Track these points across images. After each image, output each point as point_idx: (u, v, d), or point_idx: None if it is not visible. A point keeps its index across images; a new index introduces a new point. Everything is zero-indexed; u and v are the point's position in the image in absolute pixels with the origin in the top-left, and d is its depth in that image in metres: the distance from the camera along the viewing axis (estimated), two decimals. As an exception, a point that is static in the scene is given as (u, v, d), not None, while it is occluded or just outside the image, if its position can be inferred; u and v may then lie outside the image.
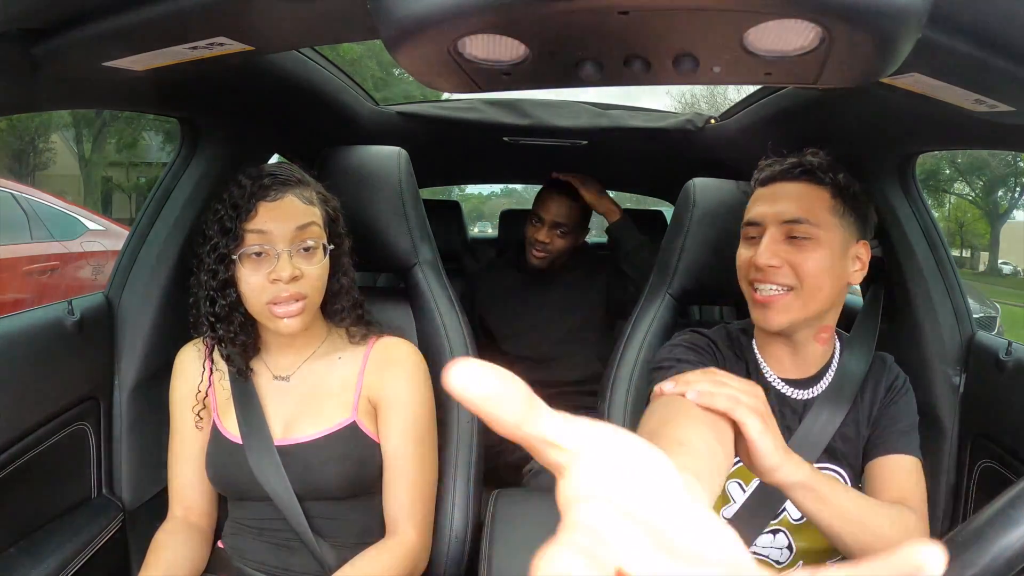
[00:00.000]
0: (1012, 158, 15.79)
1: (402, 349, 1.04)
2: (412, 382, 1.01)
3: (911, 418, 0.93)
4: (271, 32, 0.72)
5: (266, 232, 0.91)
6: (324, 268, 0.96)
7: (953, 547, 0.55)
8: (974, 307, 2.03)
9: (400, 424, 0.99)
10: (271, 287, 0.91)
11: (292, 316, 0.92)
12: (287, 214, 0.92)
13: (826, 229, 0.87)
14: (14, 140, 13.03)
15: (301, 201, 0.94)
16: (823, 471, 0.89)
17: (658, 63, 0.59)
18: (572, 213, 1.79)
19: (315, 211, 0.96)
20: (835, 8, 0.49)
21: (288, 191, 0.93)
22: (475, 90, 0.67)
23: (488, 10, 0.50)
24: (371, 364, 1.01)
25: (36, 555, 0.93)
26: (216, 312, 0.95)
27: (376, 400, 1.00)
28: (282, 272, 0.90)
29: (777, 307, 0.88)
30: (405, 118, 1.69)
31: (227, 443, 0.98)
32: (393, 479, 0.99)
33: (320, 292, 0.96)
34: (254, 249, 0.91)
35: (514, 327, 1.84)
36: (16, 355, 0.94)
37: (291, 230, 0.92)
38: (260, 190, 0.92)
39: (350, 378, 1.00)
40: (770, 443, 0.63)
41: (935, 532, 1.12)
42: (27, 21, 0.67)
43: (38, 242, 4.06)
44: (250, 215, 0.91)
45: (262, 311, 0.93)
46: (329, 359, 1.02)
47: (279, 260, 0.91)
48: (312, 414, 0.99)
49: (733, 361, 0.97)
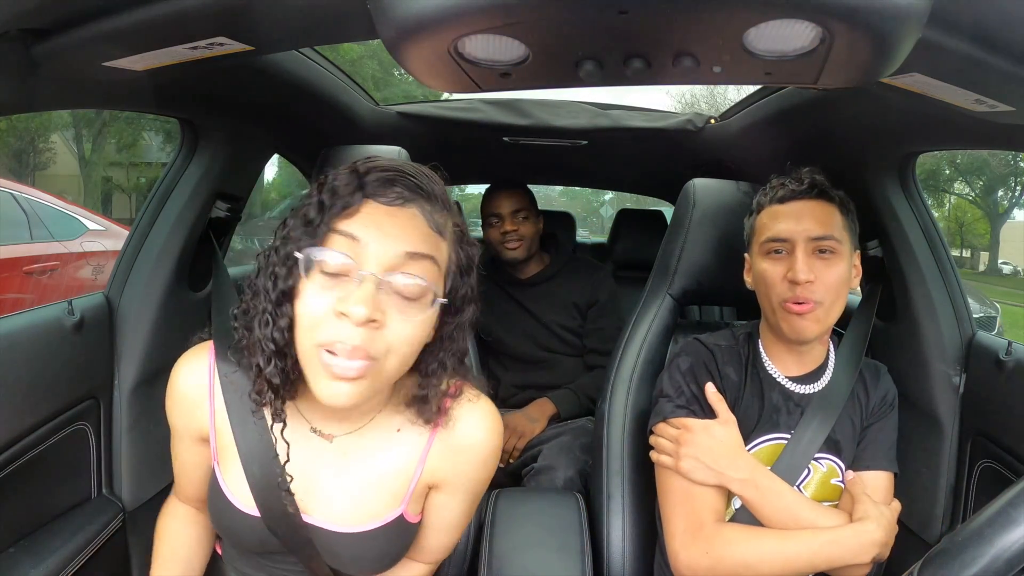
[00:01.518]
0: (1012, 158, 15.78)
1: (480, 432, 0.78)
2: (487, 466, 0.81)
3: (895, 434, 1.03)
4: (271, 32, 0.72)
5: (359, 240, 0.64)
6: (423, 330, 0.68)
7: (953, 547, 0.55)
8: (974, 307, 2.03)
9: (460, 507, 0.83)
10: (334, 323, 0.63)
11: (346, 380, 0.63)
12: (402, 229, 0.66)
13: (842, 243, 0.96)
14: (14, 140, 13.02)
15: (427, 222, 0.68)
16: (824, 461, 0.99)
17: (658, 62, 0.59)
18: (524, 199, 1.84)
19: (442, 246, 0.69)
20: (835, 8, 0.49)
21: (415, 202, 0.67)
22: (475, 90, 0.67)
23: (488, 10, 0.50)
24: (438, 447, 0.78)
25: (36, 555, 0.93)
26: (275, 339, 0.67)
27: (435, 484, 0.80)
28: (355, 306, 0.61)
29: (811, 319, 0.94)
30: (405, 118, 1.69)
31: (237, 512, 0.77)
32: (430, 535, 0.84)
33: (400, 361, 0.67)
34: (333, 259, 0.64)
35: (503, 333, 1.85)
36: (16, 355, 0.94)
37: (397, 253, 0.65)
38: (376, 184, 0.67)
39: (408, 463, 0.77)
40: (701, 469, 0.93)
41: (935, 532, 1.12)
42: (27, 21, 0.67)
43: (38, 242, 4.06)
44: (347, 210, 0.66)
45: (309, 352, 0.65)
46: (386, 431, 0.77)
47: (361, 286, 0.63)
48: (355, 501, 0.77)
49: (734, 365, 1.03)
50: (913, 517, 1.11)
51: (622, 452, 1.14)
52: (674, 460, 0.96)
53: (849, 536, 0.89)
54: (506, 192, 1.84)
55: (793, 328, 0.95)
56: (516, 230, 1.80)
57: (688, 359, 1.03)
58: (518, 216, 1.81)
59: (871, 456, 1.00)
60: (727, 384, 1.01)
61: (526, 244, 1.82)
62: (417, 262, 0.66)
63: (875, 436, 1.01)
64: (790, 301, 0.94)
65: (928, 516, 1.12)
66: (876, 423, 1.01)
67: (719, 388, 0.99)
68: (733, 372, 1.02)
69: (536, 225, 1.85)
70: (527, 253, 1.83)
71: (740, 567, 0.90)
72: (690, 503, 0.95)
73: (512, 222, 1.80)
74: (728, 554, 0.90)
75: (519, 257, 1.82)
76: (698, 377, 1.00)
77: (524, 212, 1.82)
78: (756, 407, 1.00)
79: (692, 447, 0.94)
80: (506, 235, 1.80)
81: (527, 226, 1.82)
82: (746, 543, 0.91)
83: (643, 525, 1.13)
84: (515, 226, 1.80)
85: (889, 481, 1.00)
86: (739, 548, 0.91)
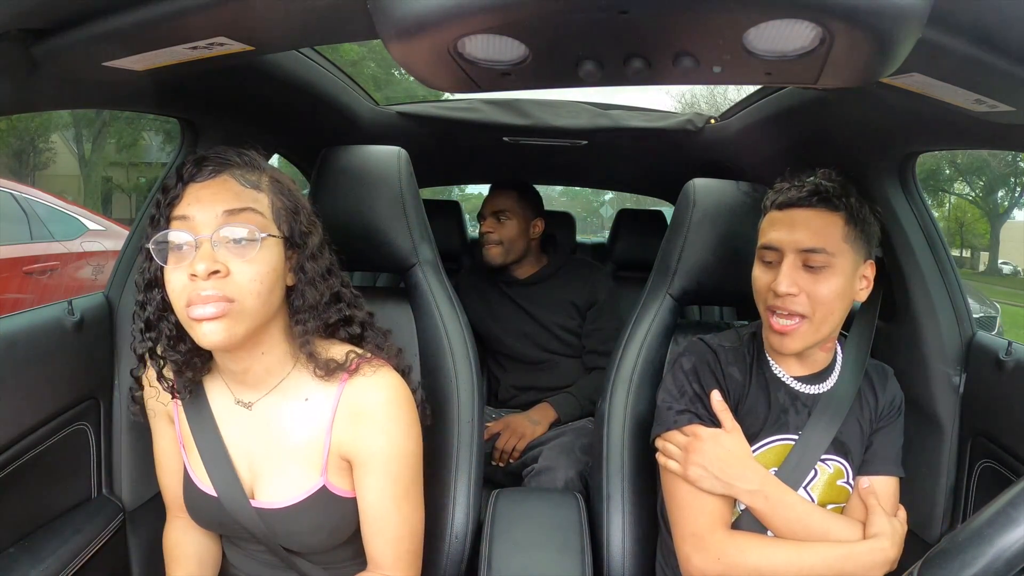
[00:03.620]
0: (1012, 158, 15.78)
1: (377, 391, 0.84)
2: (390, 435, 0.84)
3: (901, 438, 1.02)
4: (271, 32, 0.72)
5: (188, 217, 0.75)
6: (264, 268, 0.77)
7: (953, 547, 0.55)
8: (974, 307, 2.03)
9: (378, 484, 0.85)
10: (190, 285, 0.74)
11: (211, 319, 0.73)
12: (215, 195, 0.76)
13: (839, 256, 0.92)
14: (14, 140, 13.03)
15: (240, 182, 0.78)
16: (831, 462, 0.98)
17: (658, 62, 0.59)
18: (511, 199, 1.80)
19: (258, 196, 0.79)
20: (835, 8, 0.49)
21: (225, 170, 0.77)
22: (475, 90, 0.67)
23: (488, 10, 0.50)
24: (341, 414, 0.84)
25: (36, 555, 0.93)
26: (147, 319, 0.80)
27: (348, 457, 0.85)
28: (197, 265, 0.72)
29: (794, 336, 0.93)
30: (405, 118, 1.69)
31: (200, 494, 0.87)
32: (373, 533, 0.87)
33: (256, 297, 0.76)
34: (174, 239, 0.75)
35: (501, 334, 1.83)
36: (16, 355, 0.94)
37: (217, 215, 0.75)
38: (191, 169, 0.77)
39: (317, 432, 0.84)
40: (709, 479, 0.93)
41: (935, 532, 1.12)
42: (27, 21, 0.67)
43: (38, 242, 4.06)
44: (177, 200, 0.76)
45: (183, 317, 0.76)
46: (295, 399, 0.85)
47: (197, 250, 0.74)
48: (278, 471, 0.86)
49: (738, 365, 1.02)
50: (913, 517, 1.11)
51: (622, 452, 1.14)
52: (682, 467, 0.95)
53: (863, 552, 0.89)
54: (495, 192, 1.83)
55: (774, 342, 0.95)
56: (491, 232, 1.77)
57: (691, 359, 1.02)
58: (498, 217, 1.78)
59: (881, 461, 0.99)
60: (731, 384, 1.00)
61: (504, 248, 1.78)
62: (237, 215, 0.76)
63: (884, 441, 1.00)
64: (773, 313, 0.93)
65: (928, 516, 1.12)
66: (885, 427, 1.01)
67: (723, 388, 0.99)
68: (737, 372, 1.01)
69: (521, 226, 1.80)
70: (503, 258, 1.79)
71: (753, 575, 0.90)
72: (698, 507, 0.94)
73: (490, 223, 1.78)
74: (741, 561, 0.90)
75: (493, 261, 1.79)
76: (701, 377, 1.00)
77: (507, 213, 1.78)
78: (763, 407, 0.99)
79: (700, 456, 0.93)
80: (483, 235, 1.79)
81: (507, 228, 1.78)
82: (760, 552, 0.91)
83: (643, 525, 1.13)
84: (491, 228, 1.77)
85: (897, 485, 1.00)
86: (752, 556, 0.90)
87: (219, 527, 0.91)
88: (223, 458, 0.85)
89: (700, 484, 0.93)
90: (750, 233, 1.09)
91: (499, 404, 1.83)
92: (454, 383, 1.12)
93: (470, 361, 1.15)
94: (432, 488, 1.03)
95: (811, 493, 0.97)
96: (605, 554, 1.09)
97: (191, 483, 0.89)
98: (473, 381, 1.13)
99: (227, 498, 0.85)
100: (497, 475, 1.63)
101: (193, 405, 0.87)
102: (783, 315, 0.93)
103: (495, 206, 1.80)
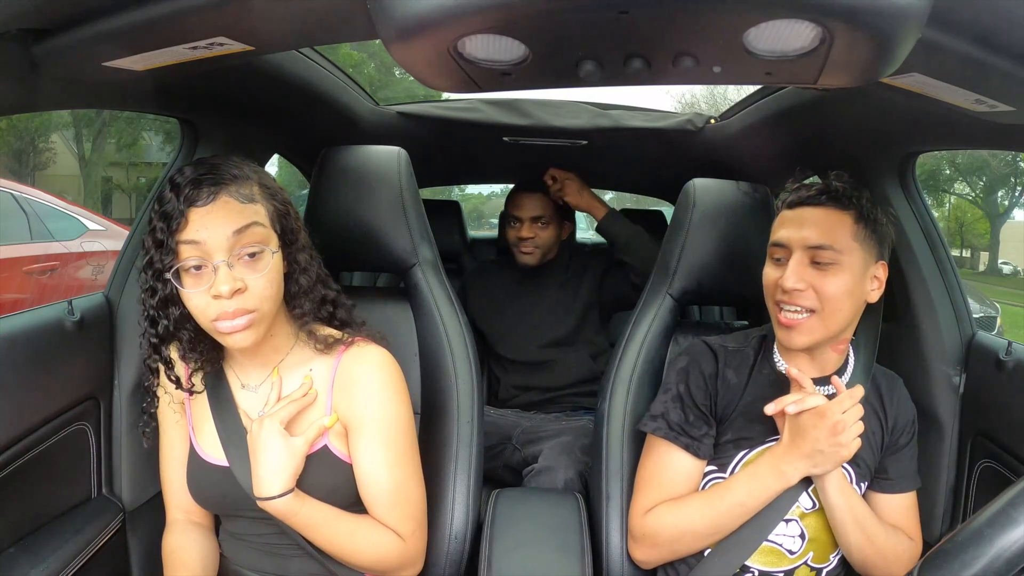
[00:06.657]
0: (1012, 158, 15.77)
1: (369, 361, 0.94)
2: (380, 400, 0.92)
3: (916, 455, 1.03)
4: (271, 32, 0.72)
5: (200, 242, 0.81)
6: (274, 274, 0.86)
7: (953, 547, 0.55)
8: (974, 307, 2.03)
9: (372, 447, 0.91)
10: (214, 303, 0.82)
11: (239, 331, 0.83)
12: (221, 218, 0.82)
13: (848, 254, 0.92)
14: (14, 140, 13.02)
15: (239, 200, 0.84)
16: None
17: (658, 62, 0.59)
18: (547, 204, 1.81)
19: (257, 209, 0.86)
20: (835, 8, 0.49)
21: (222, 191, 0.83)
22: (475, 90, 0.67)
23: (488, 10, 0.50)
24: (338, 380, 0.93)
25: (36, 555, 0.93)
26: (159, 333, 0.87)
27: (345, 420, 0.93)
28: (221, 287, 0.80)
29: (801, 330, 0.94)
30: (405, 118, 1.69)
31: (209, 466, 0.93)
32: (372, 499, 0.92)
33: (271, 301, 0.86)
34: (191, 263, 0.82)
35: (505, 330, 1.83)
36: (16, 355, 0.94)
37: (227, 236, 0.82)
38: (192, 194, 0.82)
39: (319, 397, 0.93)
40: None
41: (935, 532, 1.12)
42: (27, 21, 0.67)
43: (38, 242, 4.06)
44: (181, 225, 0.81)
45: (210, 329, 0.85)
46: (298, 371, 0.94)
47: (217, 274, 0.81)
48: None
49: (736, 368, 1.02)
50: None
51: (621, 452, 1.14)
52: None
53: (764, 464, 0.94)
54: (529, 195, 1.82)
55: (783, 336, 0.96)
56: (533, 237, 1.78)
57: (685, 359, 1.04)
58: (538, 223, 1.79)
59: (905, 478, 1.01)
60: (723, 386, 1.01)
61: (541, 251, 1.80)
62: (246, 232, 0.83)
63: (905, 458, 1.01)
64: (781, 309, 0.94)
65: (928, 516, 1.12)
66: (905, 446, 1.01)
67: (711, 390, 1.00)
68: (733, 375, 1.01)
69: (559, 231, 1.83)
70: (541, 260, 1.82)
71: (676, 535, 0.97)
72: (635, 509, 1.03)
73: (530, 228, 1.79)
74: (662, 528, 0.98)
75: (531, 263, 1.81)
76: (690, 377, 1.01)
77: (545, 219, 1.79)
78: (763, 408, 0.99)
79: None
80: (522, 240, 1.79)
81: (546, 233, 1.80)
82: (675, 512, 0.98)
83: (643, 525, 1.13)
84: (532, 233, 1.78)
85: (913, 500, 1.01)
86: (669, 519, 0.98)
87: (221, 501, 0.94)
88: (240, 430, 0.92)
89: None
90: (750, 233, 1.09)
91: (499, 404, 1.83)
92: (454, 383, 1.12)
93: (470, 361, 1.15)
94: (432, 487, 1.04)
95: (814, 496, 0.97)
96: (605, 554, 1.09)
97: (198, 460, 0.94)
98: (473, 381, 1.14)
99: (237, 464, 0.91)
100: (497, 474, 1.63)
101: (212, 384, 0.95)
102: (791, 309, 0.93)
103: (534, 211, 1.79)
